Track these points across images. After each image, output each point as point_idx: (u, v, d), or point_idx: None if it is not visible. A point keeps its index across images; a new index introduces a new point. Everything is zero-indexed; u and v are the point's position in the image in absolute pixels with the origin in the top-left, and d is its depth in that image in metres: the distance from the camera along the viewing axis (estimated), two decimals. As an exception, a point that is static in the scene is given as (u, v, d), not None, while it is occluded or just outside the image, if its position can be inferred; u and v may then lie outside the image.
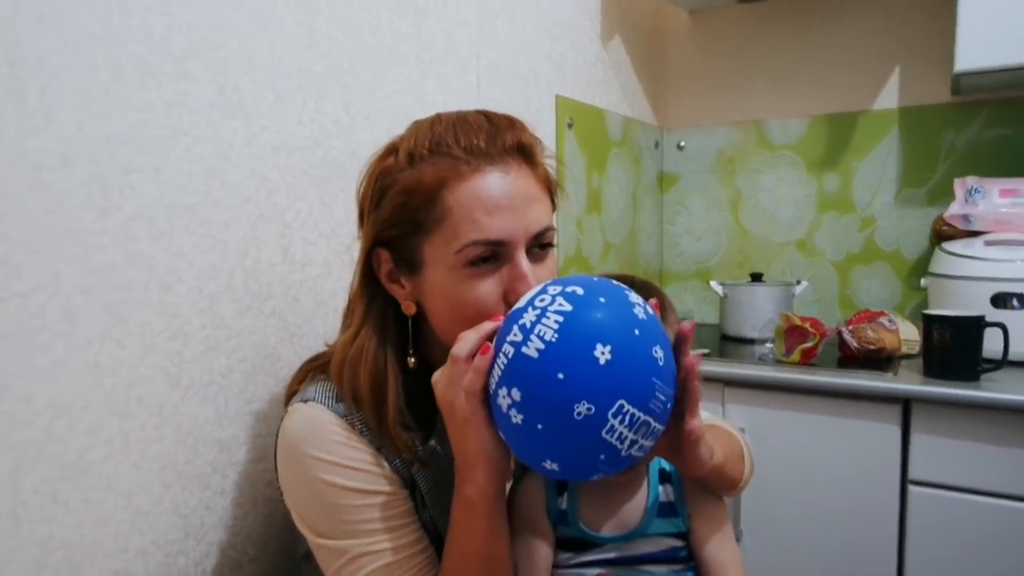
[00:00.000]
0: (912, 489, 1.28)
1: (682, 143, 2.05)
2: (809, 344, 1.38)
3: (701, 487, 0.79)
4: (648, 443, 0.60)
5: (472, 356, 0.62)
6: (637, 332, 0.58)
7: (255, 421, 0.88)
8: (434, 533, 0.75)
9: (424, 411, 0.75)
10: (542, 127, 1.47)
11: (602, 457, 0.58)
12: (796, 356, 1.39)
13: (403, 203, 0.69)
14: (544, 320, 0.58)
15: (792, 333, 1.42)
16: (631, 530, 0.75)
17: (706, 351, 1.56)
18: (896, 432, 1.28)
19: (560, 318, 0.58)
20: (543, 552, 0.74)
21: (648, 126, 1.98)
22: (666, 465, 0.80)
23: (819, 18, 1.85)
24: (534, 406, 0.57)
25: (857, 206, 1.84)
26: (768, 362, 1.45)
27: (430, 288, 0.71)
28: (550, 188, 0.75)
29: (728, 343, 1.69)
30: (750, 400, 1.41)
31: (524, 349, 0.58)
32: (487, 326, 0.64)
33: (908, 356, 1.45)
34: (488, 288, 0.68)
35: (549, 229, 0.71)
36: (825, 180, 1.88)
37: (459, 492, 0.67)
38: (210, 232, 0.81)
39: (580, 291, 0.60)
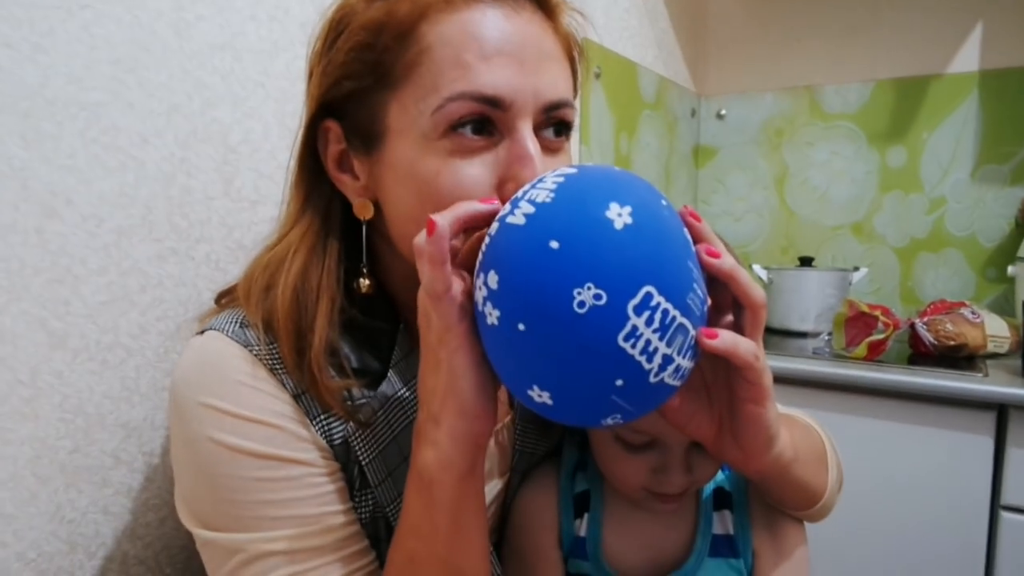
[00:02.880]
0: (1005, 516, 1.06)
1: (723, 111, 1.82)
2: (879, 336, 1.15)
3: (775, 505, 0.57)
4: (687, 364, 0.38)
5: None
6: (664, 203, 0.39)
7: (178, 400, 0.67)
8: (380, 525, 0.53)
9: (377, 357, 0.53)
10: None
11: (619, 383, 0.36)
12: (862, 350, 1.16)
13: (364, 43, 0.48)
14: (539, 185, 0.40)
15: (856, 323, 1.20)
16: (672, 573, 0.54)
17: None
18: (988, 445, 1.05)
19: (560, 178, 0.39)
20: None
21: (685, 91, 1.75)
22: (725, 484, 0.58)
23: (887, -32, 1.62)
24: (513, 293, 0.37)
25: (925, 184, 1.60)
26: (825, 356, 1.23)
27: (392, 171, 0.49)
28: (572, 56, 0.53)
29: (773, 335, 1.47)
30: (804, 400, 1.18)
31: (510, 219, 0.38)
32: (468, 205, 0.42)
33: (994, 355, 1.22)
34: (476, 172, 0.47)
35: (567, 105, 0.50)
36: (888, 154, 1.64)
37: (413, 461, 0.45)
38: (119, 144, 0.61)
39: (587, 165, 0.44)
